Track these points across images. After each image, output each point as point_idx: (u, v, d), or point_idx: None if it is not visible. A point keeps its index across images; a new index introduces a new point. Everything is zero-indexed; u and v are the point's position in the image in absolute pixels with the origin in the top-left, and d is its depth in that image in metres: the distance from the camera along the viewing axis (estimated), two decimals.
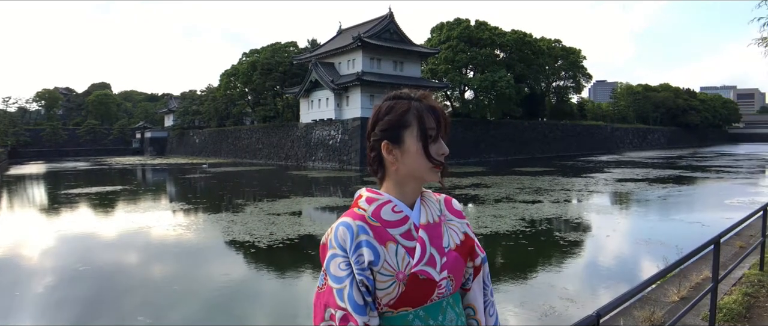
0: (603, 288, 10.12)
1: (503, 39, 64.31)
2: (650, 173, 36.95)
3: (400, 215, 1.56)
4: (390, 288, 1.48)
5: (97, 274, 12.30)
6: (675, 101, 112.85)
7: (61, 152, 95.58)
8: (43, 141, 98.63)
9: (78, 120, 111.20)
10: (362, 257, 1.46)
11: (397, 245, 1.51)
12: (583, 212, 19.76)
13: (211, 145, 78.27)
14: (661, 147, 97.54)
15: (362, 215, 1.54)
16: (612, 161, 55.71)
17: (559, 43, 79.38)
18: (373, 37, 51.17)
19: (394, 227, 1.54)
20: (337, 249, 1.49)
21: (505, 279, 10.87)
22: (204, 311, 9.64)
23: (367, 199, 1.59)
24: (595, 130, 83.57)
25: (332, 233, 1.52)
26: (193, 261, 13.61)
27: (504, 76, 59.89)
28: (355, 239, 1.48)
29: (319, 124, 54.22)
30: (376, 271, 1.47)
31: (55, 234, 17.44)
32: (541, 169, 42.62)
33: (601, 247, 13.99)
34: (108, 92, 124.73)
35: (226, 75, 75.54)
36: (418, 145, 1.54)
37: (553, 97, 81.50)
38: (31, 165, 66.80)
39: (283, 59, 66.42)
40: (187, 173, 46.09)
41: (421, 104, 1.58)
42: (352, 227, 1.49)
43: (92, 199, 27.02)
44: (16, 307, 9.92)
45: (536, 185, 28.70)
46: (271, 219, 18.26)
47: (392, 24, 54.08)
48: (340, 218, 1.55)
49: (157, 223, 18.93)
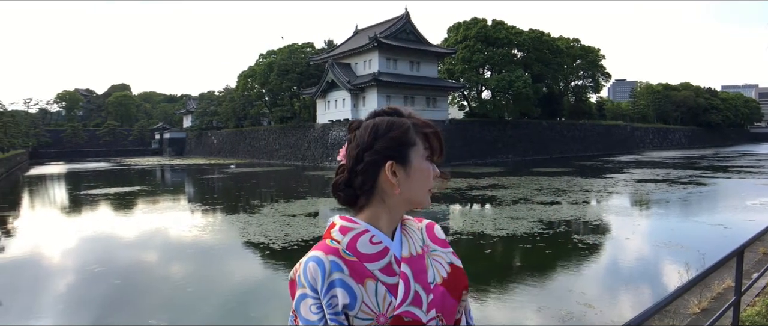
0: (622, 293, 9.92)
1: (520, 38, 63.86)
2: (671, 174, 36.41)
3: (379, 246, 1.37)
4: None
5: (113, 275, 12.33)
6: (696, 100, 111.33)
7: (81, 153, 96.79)
8: (64, 142, 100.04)
9: (98, 121, 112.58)
10: (336, 299, 1.28)
11: (376, 282, 1.32)
12: (602, 214, 19.48)
13: (229, 145, 78.71)
14: (682, 147, 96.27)
15: (335, 249, 1.34)
16: (632, 161, 55.04)
17: (578, 42, 78.63)
18: (390, 38, 51.08)
19: (372, 262, 1.35)
20: (307, 288, 1.30)
21: (522, 283, 10.70)
22: (217, 313, 9.60)
23: (341, 228, 1.39)
24: (615, 130, 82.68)
25: (301, 268, 1.33)
26: (208, 262, 13.61)
27: (521, 75, 59.49)
28: (328, 278, 1.29)
29: (336, 124, 54.23)
30: (352, 315, 1.28)
31: (73, 235, 17.59)
32: (560, 169, 42.21)
33: (620, 250, 13.74)
34: (127, 94, 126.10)
35: (244, 76, 75.92)
36: (424, 165, 1.40)
37: (571, 96, 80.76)
38: (52, 166, 67.69)
39: (300, 60, 66.58)
40: (206, 174, 46.37)
41: (419, 122, 1.43)
42: (324, 264, 1.30)
43: (111, 199, 27.25)
44: (29, 308, 9.96)
45: (554, 186, 28.40)
46: (286, 220, 18.24)
47: (408, 24, 53.94)
48: (310, 251, 1.36)
49: (174, 224, 19.02)
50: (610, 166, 47.18)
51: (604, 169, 43.37)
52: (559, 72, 72.70)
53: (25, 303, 10.30)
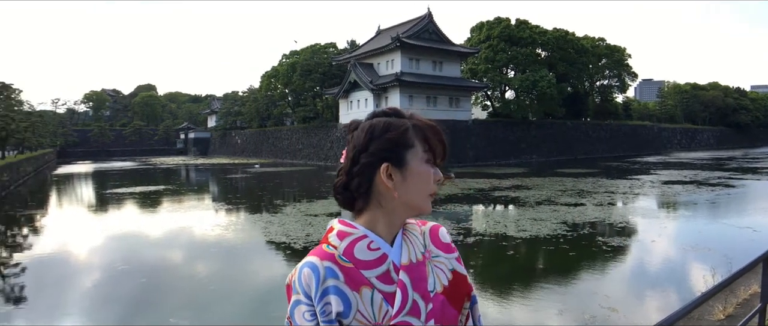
0: (647, 297, 9.74)
1: (544, 38, 63.30)
2: (698, 175, 35.74)
3: (377, 253, 1.31)
4: None
5: (137, 274, 12.47)
6: (724, 100, 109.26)
7: (107, 152, 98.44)
8: (91, 141, 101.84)
9: (124, 121, 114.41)
10: (329, 306, 1.23)
11: (372, 290, 1.27)
12: (627, 216, 19.15)
13: (253, 145, 79.32)
14: (710, 148, 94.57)
15: (331, 254, 1.29)
16: (659, 162, 54.19)
17: (603, 41, 77.67)
18: (412, 38, 51.01)
19: (369, 269, 1.29)
20: (301, 294, 1.26)
21: (545, 285, 10.57)
22: (239, 312, 9.64)
23: (339, 233, 1.34)
24: (641, 130, 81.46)
25: (296, 274, 1.29)
26: (231, 261, 13.70)
27: (545, 75, 58.96)
28: (322, 285, 1.24)
29: None
30: (346, 324, 1.24)
31: (98, 233, 17.84)
32: (585, 170, 41.70)
33: (645, 253, 13.49)
34: (153, 94, 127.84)
35: (267, 76, 76.46)
36: (423, 168, 1.33)
37: (597, 96, 79.79)
38: (79, 165, 68.90)
39: (323, 60, 66.85)
40: (229, 174, 46.77)
41: (420, 123, 1.37)
42: (319, 270, 1.26)
43: (137, 198, 27.62)
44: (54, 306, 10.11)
45: (579, 187, 28.06)
46: (308, 220, 18.28)
47: (431, 24, 53.81)
48: (306, 256, 1.32)
49: (198, 223, 19.20)
50: (636, 167, 46.50)
51: (631, 170, 42.74)
52: (584, 71, 71.90)
53: (50, 300, 10.46)
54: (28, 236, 18.06)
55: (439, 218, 18.01)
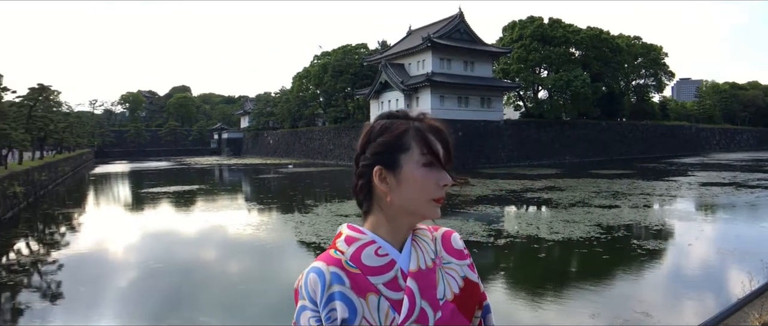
0: (682, 302, 9.49)
1: (578, 37, 62.42)
2: (737, 177, 34.77)
3: (385, 259, 1.29)
4: None
5: (170, 272, 12.69)
6: (765, 100, 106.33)
7: (143, 152, 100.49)
8: (127, 141, 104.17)
9: (159, 122, 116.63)
10: (335, 312, 1.22)
11: (379, 297, 1.25)
12: (663, 219, 18.73)
13: (285, 146, 80.00)
14: (750, 149, 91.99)
15: (338, 260, 1.28)
16: (696, 163, 52.91)
17: (639, 40, 76.27)
18: (443, 38, 50.80)
19: (376, 275, 1.27)
20: (306, 300, 1.25)
21: (577, 288, 10.39)
22: (268, 312, 9.71)
23: (347, 238, 1.32)
24: (679, 130, 79.66)
25: (303, 279, 1.28)
26: (262, 260, 13.84)
27: (579, 75, 58.12)
28: (327, 291, 1.23)
29: None
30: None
31: (134, 231, 18.20)
32: (620, 171, 40.96)
33: (681, 257, 13.18)
34: (188, 95, 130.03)
35: (299, 77, 77.05)
36: (419, 172, 1.27)
37: (632, 96, 78.35)
38: (116, 164, 70.46)
39: (354, 61, 67.09)
40: (261, 174, 47.24)
41: (423, 125, 1.31)
42: (324, 275, 1.25)
43: (171, 197, 28.09)
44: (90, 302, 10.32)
45: (614, 189, 27.56)
46: (338, 220, 18.33)
47: (462, 24, 53.51)
48: (313, 261, 1.31)
49: (230, 222, 19.43)
50: (673, 168, 45.48)
51: (667, 171, 41.82)
52: (619, 71, 70.68)
53: (86, 297, 10.69)
54: (65, 234, 18.50)
55: (470, 220, 17.88)
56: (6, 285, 11.52)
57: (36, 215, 23.37)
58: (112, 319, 9.45)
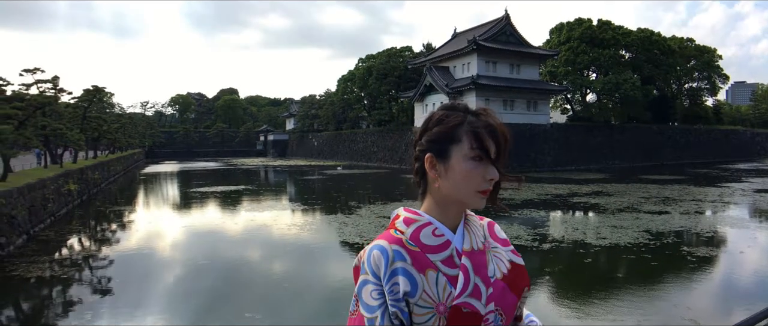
0: (732, 311, 9.19)
1: (628, 39, 61.01)
2: None
3: (442, 239, 1.38)
4: (429, 321, 1.30)
5: (216, 269, 12.99)
6: None
7: (192, 153, 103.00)
8: (177, 142, 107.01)
9: (208, 123, 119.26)
10: (397, 286, 1.30)
11: (437, 273, 1.34)
12: (715, 225, 18.14)
13: (329, 148, 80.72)
14: None
15: (399, 239, 1.37)
16: (752, 169, 51.00)
17: (692, 42, 73.97)
18: (489, 40, 50.41)
19: (434, 253, 1.36)
20: (369, 274, 1.33)
21: (623, 294, 10.18)
22: (311, 310, 9.84)
23: (405, 220, 1.42)
24: (733, 135, 76.93)
25: (365, 256, 1.36)
26: (306, 259, 14.02)
27: (629, 78, 56.76)
28: (390, 266, 1.32)
29: None
30: (412, 303, 1.30)
31: (182, 229, 18.70)
32: (671, 177, 39.83)
33: (733, 264, 12.76)
34: (235, 97, 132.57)
35: (343, 80, 77.66)
36: (467, 165, 1.34)
37: (684, 100, 76.05)
38: (165, 164, 72.40)
39: (398, 64, 67.21)
40: (306, 175, 47.81)
41: (479, 120, 1.38)
42: (387, 252, 1.33)
43: (219, 197, 28.73)
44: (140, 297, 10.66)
45: (664, 195, 26.83)
46: (381, 222, 18.44)
47: (508, 26, 52.99)
48: (374, 240, 1.39)
49: (275, 222, 19.75)
50: (726, 174, 43.96)
51: (721, 177, 40.45)
52: (670, 74, 68.75)
53: (136, 292, 11.05)
54: (117, 231, 19.13)
55: (515, 224, 17.71)
56: (60, 278, 12.00)
57: (89, 212, 24.24)
58: (162, 313, 9.74)
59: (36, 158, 31.88)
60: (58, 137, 27.35)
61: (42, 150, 28.52)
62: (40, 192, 19.36)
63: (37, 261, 13.47)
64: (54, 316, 9.84)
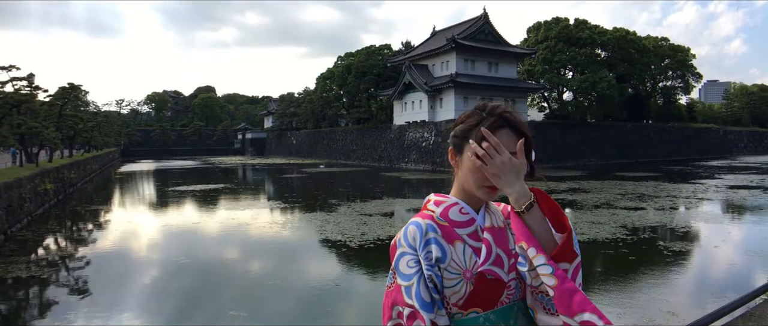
0: (708, 302, 9.44)
1: (604, 38, 61.87)
2: (765, 180, 34.20)
3: (467, 216, 1.58)
4: (457, 286, 1.49)
5: (197, 267, 12.95)
6: None
7: (168, 151, 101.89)
8: (153, 141, 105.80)
9: (185, 121, 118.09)
10: (431, 253, 1.48)
11: (464, 244, 1.53)
12: (690, 221, 18.55)
13: (308, 146, 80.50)
14: None
15: (431, 215, 1.57)
16: (724, 166, 52.06)
17: (666, 41, 75.25)
18: (467, 39, 50.74)
19: (461, 228, 1.56)
20: (406, 247, 1.50)
21: (602, 288, 10.39)
22: (295, 306, 9.89)
23: (435, 202, 1.62)
24: (706, 133, 78.42)
25: (402, 233, 1.54)
26: (288, 257, 14.03)
27: (605, 76, 57.58)
28: (424, 237, 1.49)
29: (412, 126, 54.39)
30: (443, 268, 1.48)
31: (161, 228, 18.57)
32: (646, 174, 40.52)
33: (708, 258, 13.09)
34: (212, 95, 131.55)
35: (322, 78, 77.53)
36: (474, 161, 1.51)
37: (659, 98, 77.33)
38: (142, 163, 71.58)
39: (377, 62, 67.29)
40: (285, 173, 47.65)
41: (495, 120, 1.54)
42: (422, 226, 1.51)
43: (197, 195, 28.50)
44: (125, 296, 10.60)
45: (639, 191, 27.31)
46: (362, 220, 18.49)
47: (487, 25, 53.41)
48: (410, 220, 1.56)
49: (255, 220, 19.68)
50: (700, 171, 44.83)
51: (694, 174, 41.25)
52: (645, 72, 69.89)
53: (115, 292, 10.98)
54: (94, 230, 18.93)
55: None
56: (38, 278, 11.87)
57: (66, 211, 23.93)
58: (143, 312, 9.71)
59: (11, 157, 31.35)
60: (34, 135, 26.93)
61: (18, 149, 28.07)
62: (16, 192, 19.06)
63: (15, 261, 13.28)
64: (30, 317, 9.73)
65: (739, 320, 4.64)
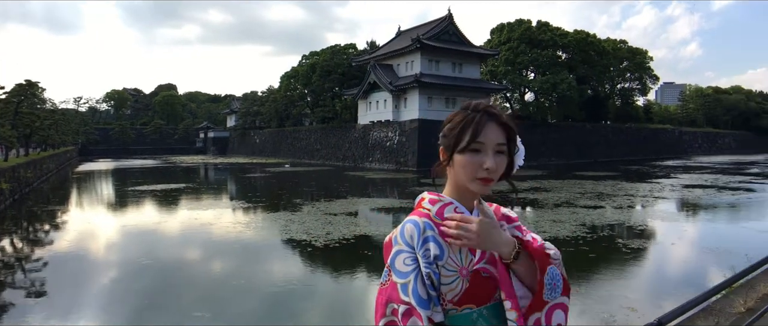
0: (666, 297, 9.75)
1: (565, 40, 63.04)
2: (719, 179, 35.38)
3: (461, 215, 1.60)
4: (453, 283, 1.51)
5: (161, 268, 12.76)
6: (747, 104, 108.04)
7: (128, 151, 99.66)
8: (112, 139, 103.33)
9: (145, 120, 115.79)
10: (429, 251, 1.50)
11: None
12: (647, 219, 19.10)
13: (271, 145, 79.88)
14: (732, 152, 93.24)
15: (427, 214, 1.59)
16: (679, 165, 53.66)
17: (625, 44, 77.10)
18: (432, 39, 51.06)
19: None
20: (402, 244, 1.53)
21: None
22: (261, 307, 9.84)
23: (430, 200, 1.64)
24: (662, 133, 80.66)
25: (398, 231, 1.56)
26: (253, 257, 13.92)
27: (566, 78, 58.71)
28: (422, 235, 1.52)
29: (377, 125, 54.50)
30: (440, 265, 1.51)
31: (120, 228, 18.20)
32: (604, 173, 41.48)
33: (665, 255, 13.50)
34: (174, 93, 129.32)
35: (287, 77, 77.02)
36: (465, 156, 1.56)
37: (617, 99, 79.22)
38: (100, 162, 69.89)
39: (342, 61, 67.19)
40: (248, 173, 47.19)
41: (478, 116, 1.58)
42: (419, 224, 1.54)
43: (159, 195, 28.01)
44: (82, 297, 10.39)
45: (598, 190, 27.95)
46: (328, 219, 18.48)
47: (451, 25, 53.83)
48: (406, 218, 1.59)
49: (218, 220, 19.45)
50: (656, 170, 46.11)
51: (651, 173, 42.41)
52: (604, 74, 71.46)
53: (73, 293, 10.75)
54: (52, 231, 18.44)
55: None
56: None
57: (22, 212, 23.26)
58: (103, 313, 9.52)
59: None
60: None
61: None
62: None
63: None
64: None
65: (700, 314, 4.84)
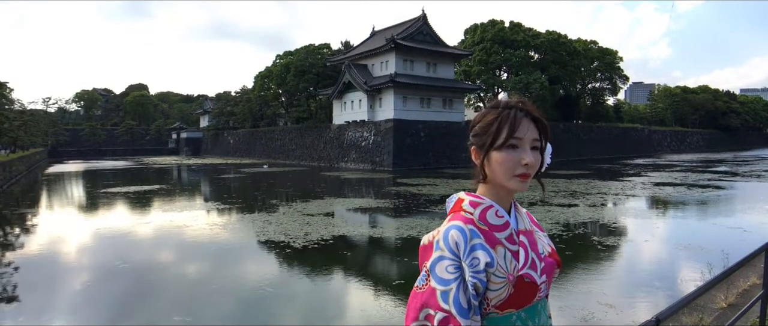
0: (642, 294, 9.95)
1: (538, 40, 63.79)
2: (689, 177, 36.15)
3: (503, 219, 1.60)
4: (501, 289, 1.51)
5: (136, 271, 12.58)
6: (714, 103, 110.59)
7: (99, 152, 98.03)
8: (82, 141, 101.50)
9: (116, 121, 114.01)
10: (478, 260, 1.49)
11: (504, 249, 1.55)
12: (620, 217, 19.45)
13: (245, 146, 79.27)
14: (700, 150, 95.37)
15: (471, 219, 1.57)
16: (649, 164, 54.67)
17: (596, 44, 78.30)
18: (406, 39, 51.23)
19: (499, 232, 1.58)
20: (445, 251, 1.51)
21: None
22: (239, 310, 9.77)
23: (471, 203, 1.62)
24: (632, 132, 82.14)
25: (441, 235, 1.54)
26: (231, 259, 13.80)
27: (538, 78, 59.42)
28: (469, 243, 1.51)
29: (352, 125, 54.46)
30: (491, 273, 1.50)
31: (94, 232, 17.88)
32: (577, 172, 42.08)
33: (639, 252, 13.75)
34: (145, 93, 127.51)
35: (261, 77, 76.50)
36: (502, 153, 1.56)
37: (588, 99, 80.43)
38: (71, 164, 68.58)
39: (317, 61, 66.99)
40: (223, 173, 46.76)
41: (511, 112, 1.60)
42: (465, 232, 1.52)
43: (132, 197, 27.61)
44: (57, 302, 10.21)
45: (572, 189, 28.35)
46: (305, 220, 18.43)
47: (425, 25, 54.06)
48: (449, 222, 1.58)
49: (193, 222, 19.25)
50: (627, 169, 46.92)
51: (622, 172, 43.14)
52: (576, 74, 72.46)
53: (46, 298, 10.55)
54: (22, 235, 18.07)
55: (436, 219, 18.21)
56: None
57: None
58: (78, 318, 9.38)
59: None
60: None
61: None
62: None
63: None
64: None
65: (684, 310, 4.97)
